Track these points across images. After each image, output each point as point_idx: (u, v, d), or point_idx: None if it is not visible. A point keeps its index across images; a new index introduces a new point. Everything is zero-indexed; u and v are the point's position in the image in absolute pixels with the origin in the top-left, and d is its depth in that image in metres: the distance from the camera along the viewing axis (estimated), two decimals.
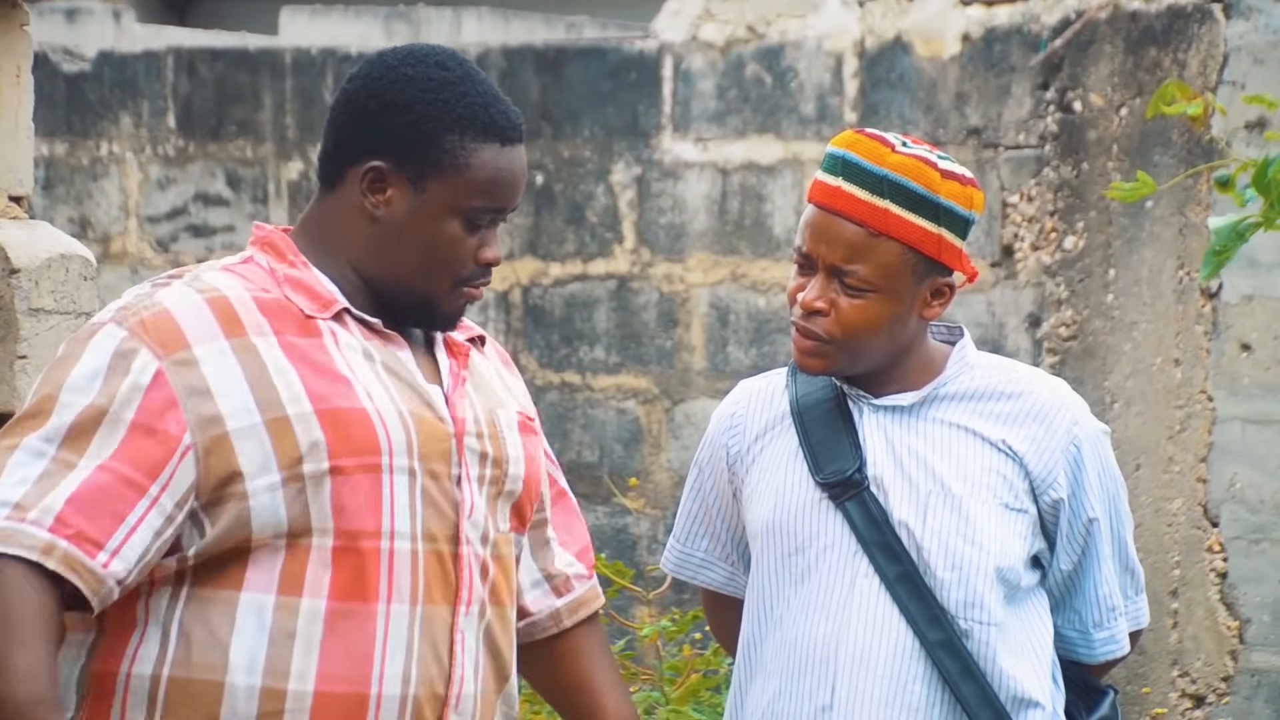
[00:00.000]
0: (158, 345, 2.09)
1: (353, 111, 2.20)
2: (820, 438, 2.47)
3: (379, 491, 2.12)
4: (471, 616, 2.17)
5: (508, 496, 2.23)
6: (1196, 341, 5.28)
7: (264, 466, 2.09)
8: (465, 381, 2.22)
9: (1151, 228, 5.36)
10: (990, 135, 5.68)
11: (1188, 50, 5.33)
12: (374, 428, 2.11)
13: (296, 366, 2.11)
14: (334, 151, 2.21)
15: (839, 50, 5.93)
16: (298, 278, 2.17)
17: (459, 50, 6.89)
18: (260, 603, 2.09)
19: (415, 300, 2.19)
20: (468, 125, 2.17)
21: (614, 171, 6.20)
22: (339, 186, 2.20)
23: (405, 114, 2.17)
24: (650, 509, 6.11)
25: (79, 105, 6.91)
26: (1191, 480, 5.28)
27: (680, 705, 4.43)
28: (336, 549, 2.10)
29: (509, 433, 2.24)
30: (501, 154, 2.18)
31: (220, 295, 2.14)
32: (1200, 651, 5.26)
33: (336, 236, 2.19)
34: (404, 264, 2.17)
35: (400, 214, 2.17)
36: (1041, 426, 2.48)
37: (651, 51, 6.17)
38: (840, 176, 2.44)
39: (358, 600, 2.11)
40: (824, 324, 2.42)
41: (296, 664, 2.09)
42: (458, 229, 2.17)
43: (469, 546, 2.17)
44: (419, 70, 2.19)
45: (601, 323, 6.20)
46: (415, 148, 2.16)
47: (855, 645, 2.42)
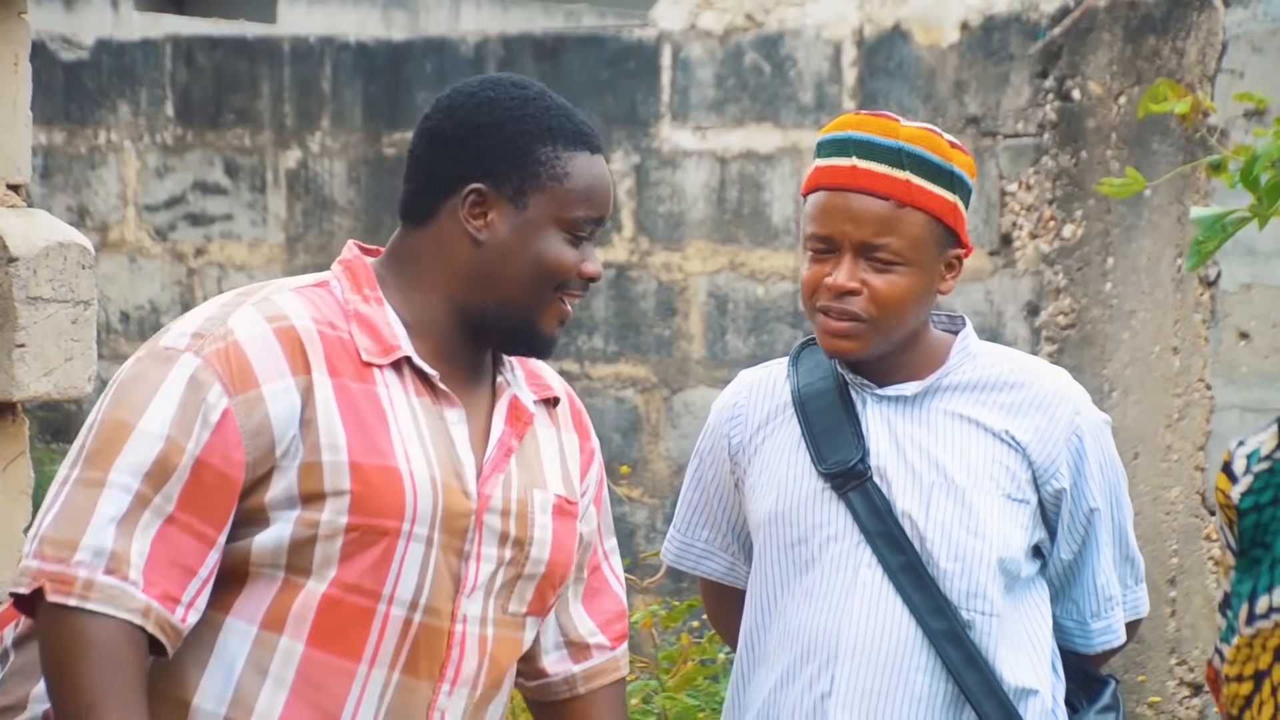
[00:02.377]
0: (228, 381, 2.08)
1: (440, 142, 2.20)
2: (823, 428, 2.46)
3: (391, 555, 2.10)
4: (457, 697, 2.14)
5: (528, 580, 2.20)
6: (1195, 330, 5.28)
7: (286, 504, 2.08)
8: (511, 454, 2.20)
9: (1150, 216, 5.36)
10: (989, 124, 5.68)
11: (1186, 38, 5.32)
12: (403, 492, 2.10)
13: (344, 414, 2.10)
14: (424, 187, 2.20)
15: (838, 38, 5.92)
16: (367, 315, 2.16)
17: (459, 38, 6.86)
18: (242, 632, 2.09)
19: (516, 322, 2.18)
20: (558, 136, 2.18)
21: (612, 160, 6.20)
22: (431, 221, 2.19)
23: (496, 133, 2.18)
24: (648, 498, 6.11)
25: (77, 94, 6.90)
26: (1189, 468, 5.28)
27: (676, 693, 4.43)
28: (327, 597, 2.09)
29: (540, 515, 2.21)
30: (593, 161, 2.20)
31: (289, 325, 2.12)
32: (1198, 640, 5.27)
33: (431, 271, 2.18)
34: (510, 282, 2.17)
35: (504, 234, 2.17)
36: (1044, 416, 2.48)
37: (650, 40, 6.17)
38: (854, 156, 2.44)
39: (339, 655, 2.09)
40: (859, 303, 2.42)
41: (263, 702, 2.08)
42: (561, 241, 2.18)
43: (465, 625, 2.14)
44: (499, 92, 2.20)
45: (600, 311, 6.20)
46: (512, 164, 2.17)
47: (858, 635, 2.42)
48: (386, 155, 6.38)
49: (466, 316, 2.18)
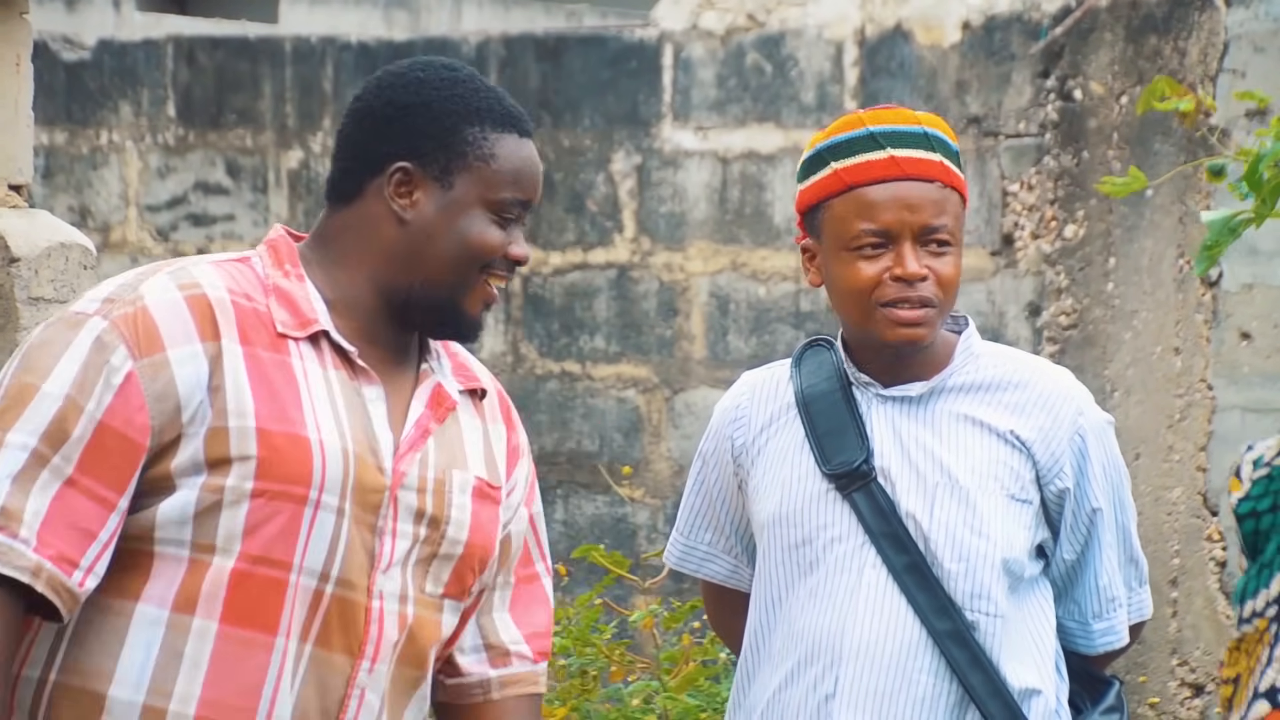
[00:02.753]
0: (134, 344, 2.07)
1: (368, 122, 2.19)
2: (826, 429, 2.46)
3: (298, 523, 2.08)
4: (377, 675, 2.12)
5: (444, 559, 2.17)
6: (1196, 330, 5.28)
7: (191, 471, 2.07)
8: (429, 435, 2.18)
9: (1152, 216, 5.36)
10: (990, 123, 5.68)
11: (1188, 38, 5.32)
12: (310, 458, 2.08)
13: (253, 381, 2.09)
14: (351, 165, 2.19)
15: (839, 38, 5.92)
16: (286, 289, 2.15)
17: (460, 38, 6.86)
18: (154, 617, 2.06)
19: (441, 303, 2.17)
20: (486, 117, 2.18)
21: (614, 160, 6.20)
22: (357, 200, 2.18)
23: (424, 113, 2.17)
24: (650, 498, 6.11)
25: (79, 94, 6.90)
26: (1191, 469, 5.28)
27: (678, 693, 4.43)
28: (237, 572, 2.07)
29: (459, 495, 2.19)
30: (521, 144, 2.19)
31: (200, 293, 2.11)
32: (1199, 640, 5.26)
33: (356, 249, 2.17)
34: (434, 262, 2.16)
35: (429, 213, 2.16)
36: (1048, 415, 2.48)
37: (652, 40, 6.17)
38: (888, 148, 2.45)
39: (255, 629, 2.07)
40: (929, 289, 2.43)
41: (181, 685, 2.06)
42: (487, 222, 2.17)
43: (382, 601, 2.12)
44: (429, 73, 2.20)
45: (601, 312, 6.19)
46: (438, 144, 2.16)
47: (862, 636, 2.42)
48: None
49: (391, 297, 2.17)
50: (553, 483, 6.22)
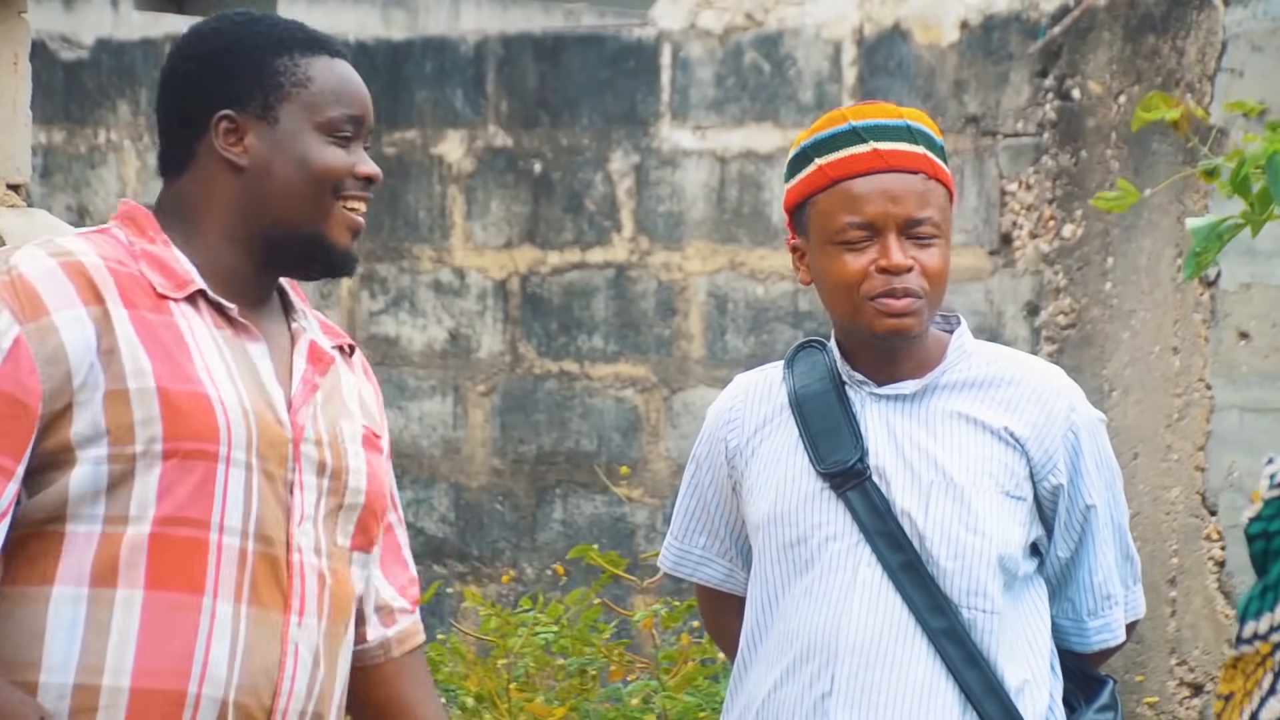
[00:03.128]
0: (17, 310, 2.04)
1: (178, 84, 2.18)
2: (820, 428, 2.46)
3: (211, 481, 2.06)
4: (307, 629, 2.11)
5: (349, 510, 2.17)
6: (1195, 330, 5.28)
7: (93, 439, 2.04)
8: (316, 390, 2.17)
9: (1150, 216, 5.36)
10: (989, 123, 5.68)
11: (1186, 37, 5.32)
12: (214, 415, 2.06)
13: (145, 342, 2.07)
14: (176, 133, 2.17)
15: (837, 38, 5.92)
16: (155, 254, 2.13)
17: (458, 37, 6.85)
18: (74, 596, 2.03)
19: (304, 239, 2.15)
20: (292, 45, 2.17)
21: (612, 160, 6.20)
22: (190, 165, 2.16)
23: (229, 56, 2.15)
24: (648, 498, 6.11)
25: (77, 93, 6.90)
26: (1190, 469, 5.28)
27: (677, 693, 4.43)
28: (155, 536, 2.04)
29: (351, 445, 2.18)
30: (334, 63, 2.18)
31: (76, 260, 2.08)
32: (1198, 640, 5.26)
33: (203, 210, 2.15)
34: (283, 197, 2.14)
35: (264, 152, 2.14)
36: (1041, 411, 2.48)
37: (650, 39, 6.17)
38: (870, 141, 2.45)
39: (180, 590, 2.05)
40: (913, 279, 2.43)
41: (111, 659, 2.03)
42: (324, 144, 2.15)
43: (301, 554, 2.11)
44: (223, 22, 2.19)
45: (600, 311, 6.19)
46: (252, 82, 2.14)
47: (857, 634, 2.42)
48: (387, 154, 6.38)
49: (252, 249, 2.15)
50: (551, 482, 6.22)
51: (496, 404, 6.32)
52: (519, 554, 6.25)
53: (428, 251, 6.37)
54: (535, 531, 6.25)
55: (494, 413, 6.32)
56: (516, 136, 6.32)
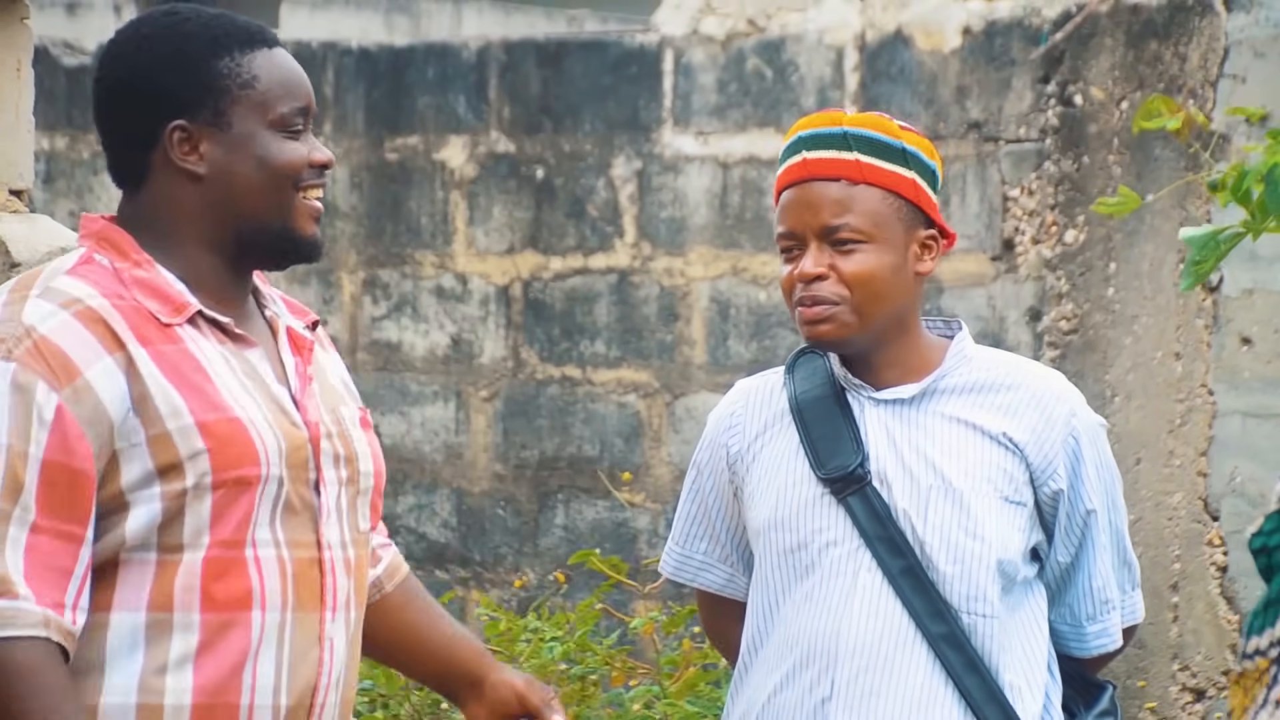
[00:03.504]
0: (51, 377, 2.06)
1: (121, 98, 2.17)
2: (821, 434, 2.47)
3: (254, 503, 2.11)
4: (339, 622, 2.16)
5: (364, 495, 2.22)
6: (1197, 335, 5.28)
7: (144, 483, 2.07)
8: (312, 381, 2.20)
9: (1152, 221, 5.36)
10: (991, 129, 5.68)
11: (1188, 43, 5.32)
12: (252, 440, 2.10)
13: (171, 379, 2.09)
14: (124, 147, 2.17)
15: (839, 44, 5.92)
16: (146, 279, 2.14)
17: (461, 43, 6.85)
18: (133, 622, 2.08)
19: (272, 234, 2.16)
20: (230, 44, 2.16)
21: (614, 165, 6.20)
22: (148, 178, 2.17)
23: (169, 68, 2.15)
24: (650, 503, 6.11)
25: (79, 99, 6.90)
26: (1192, 474, 5.28)
27: (678, 699, 4.43)
28: (208, 560, 2.09)
29: (354, 430, 2.23)
30: (273, 55, 2.18)
31: (86, 307, 2.09)
32: (1200, 645, 5.26)
33: (171, 221, 2.16)
34: (247, 197, 2.15)
35: (220, 158, 2.15)
36: (1041, 417, 2.49)
37: (652, 45, 6.17)
38: (803, 151, 2.48)
39: (231, 610, 2.09)
40: (828, 287, 2.44)
41: (172, 680, 2.08)
42: (280, 140, 2.16)
43: (331, 551, 2.16)
44: (153, 29, 2.17)
45: (602, 317, 6.19)
46: (198, 90, 2.14)
47: (857, 639, 2.42)
48: (389, 161, 6.38)
49: (224, 252, 2.17)
50: (554, 487, 6.22)
51: (499, 409, 6.32)
52: (521, 559, 6.25)
53: (430, 257, 6.38)
54: (537, 537, 6.25)
55: (496, 418, 6.32)
56: (519, 142, 6.33)
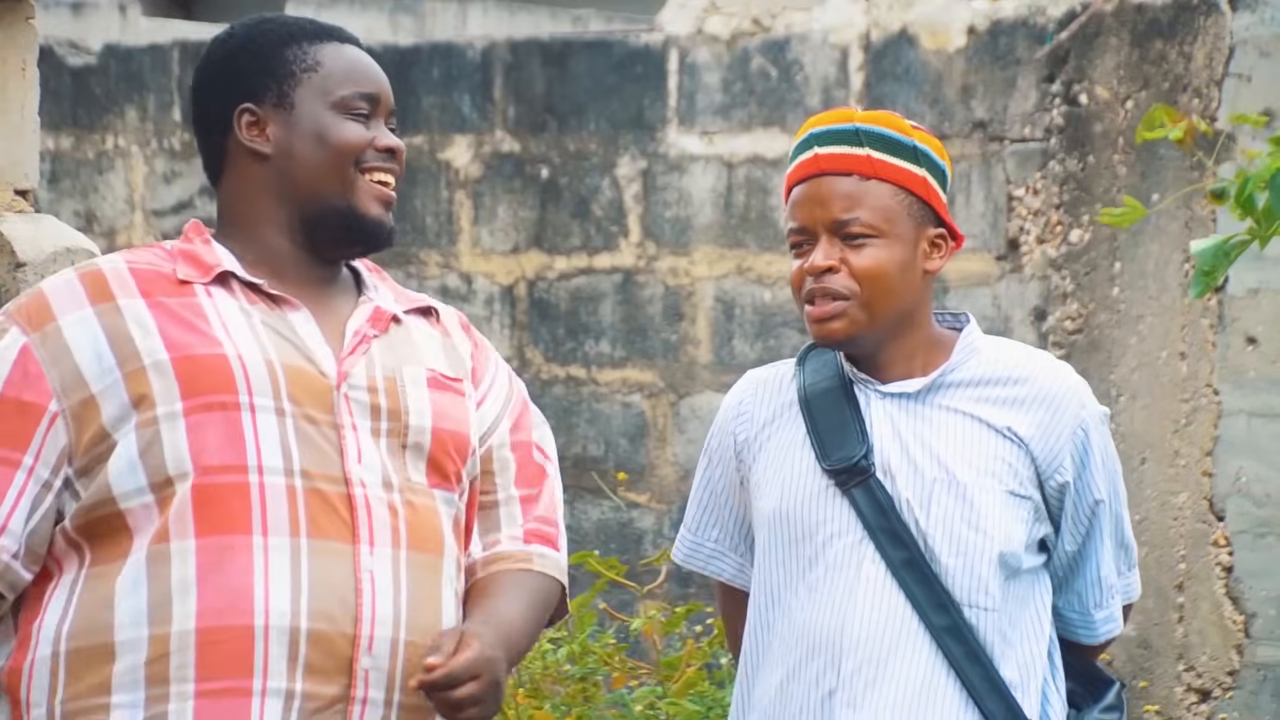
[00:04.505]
0: (25, 322, 2.17)
1: (199, 94, 2.29)
2: (827, 425, 2.48)
3: (239, 428, 2.14)
4: (380, 558, 2.17)
5: (415, 450, 2.23)
6: (1202, 335, 5.28)
7: (123, 417, 2.14)
8: (369, 342, 2.25)
9: (1157, 221, 5.36)
10: (996, 128, 5.68)
11: (1193, 43, 5.32)
12: (229, 368, 2.16)
13: (159, 320, 2.17)
14: (210, 141, 2.29)
15: (844, 43, 5.92)
16: (190, 250, 2.25)
17: (465, 43, 6.84)
18: (137, 559, 2.13)
19: (337, 214, 2.24)
20: (300, 35, 2.27)
21: (619, 165, 6.20)
22: (227, 166, 2.28)
23: (241, 55, 2.27)
24: (655, 503, 6.11)
25: (84, 99, 6.91)
26: (1197, 474, 5.28)
27: (678, 698, 4.43)
28: (197, 487, 2.13)
29: (413, 388, 2.25)
30: (343, 48, 2.28)
31: (95, 269, 2.22)
32: (1206, 646, 5.26)
33: (245, 203, 2.26)
34: (307, 175, 2.24)
35: (285, 137, 2.25)
36: (1049, 412, 2.49)
37: (657, 45, 6.17)
38: (814, 147, 2.49)
39: (229, 533, 2.12)
40: (839, 281, 2.46)
41: (176, 607, 2.11)
42: (341, 121, 2.25)
43: (364, 489, 2.18)
44: (236, 29, 2.30)
45: (607, 316, 6.19)
46: (265, 74, 2.25)
47: (861, 631, 2.43)
48: None
49: (293, 232, 2.25)
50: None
51: None
52: None
53: (435, 257, 6.38)
54: None
55: None
56: (524, 142, 6.33)
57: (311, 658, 2.12)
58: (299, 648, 2.12)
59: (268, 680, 2.11)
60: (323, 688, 2.13)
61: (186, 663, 2.10)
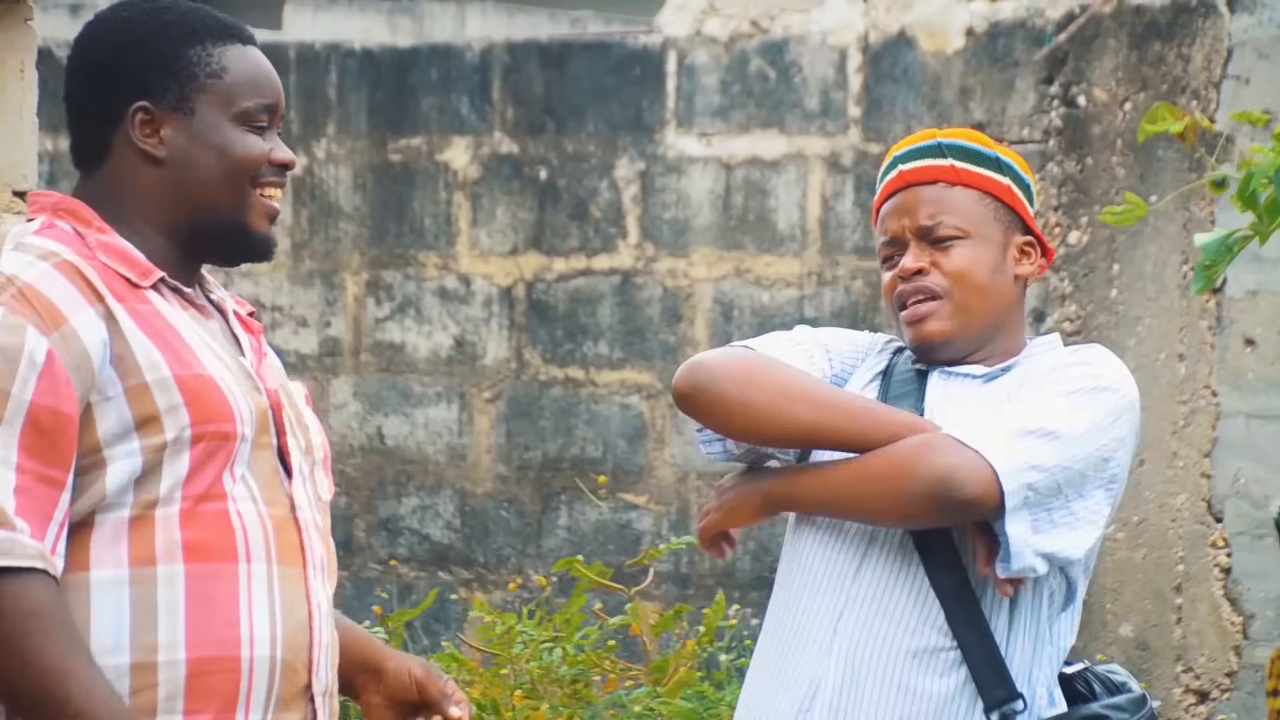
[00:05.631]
0: (39, 321, 2.06)
1: (89, 76, 2.18)
2: (895, 394, 2.54)
3: (229, 459, 2.11)
4: (318, 581, 2.17)
5: (319, 465, 2.24)
6: (1200, 336, 5.28)
7: (121, 436, 2.07)
8: (265, 357, 2.23)
9: (1155, 223, 5.36)
10: (994, 130, 5.68)
11: (1192, 45, 5.32)
12: (225, 397, 2.11)
13: (148, 334, 2.10)
14: (89, 125, 2.19)
15: (843, 45, 5.92)
16: (110, 243, 2.14)
17: (464, 45, 6.84)
18: (114, 578, 2.06)
19: (226, 227, 2.18)
20: (204, 34, 2.18)
21: (618, 166, 6.20)
22: (107, 158, 2.18)
23: (142, 49, 2.17)
24: (653, 504, 6.11)
25: None
26: (1195, 475, 5.28)
27: (670, 697, 4.44)
28: (185, 512, 2.08)
29: (301, 403, 2.25)
30: (247, 52, 2.20)
31: (63, 259, 2.10)
32: (1204, 647, 5.26)
33: (127, 202, 2.17)
34: (203, 187, 2.17)
35: (181, 144, 2.17)
36: None
37: (655, 46, 6.17)
38: (899, 165, 2.58)
39: (217, 560, 2.09)
40: (932, 280, 2.52)
41: (164, 635, 2.06)
42: (241, 133, 2.18)
43: (302, 511, 2.17)
44: (131, 11, 2.20)
45: (605, 318, 6.19)
46: (166, 74, 2.16)
47: (869, 581, 2.44)
48: (392, 162, 6.38)
49: (177, 237, 2.18)
50: (556, 489, 6.22)
51: (502, 410, 6.32)
52: (524, 561, 6.25)
53: (433, 258, 6.38)
54: (540, 538, 6.25)
55: (499, 419, 6.32)
56: (522, 143, 6.33)
57: (283, 687, 2.11)
58: (275, 678, 2.10)
59: (249, 713, 2.09)
60: (287, 716, 2.12)
61: (175, 693, 2.05)
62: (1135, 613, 5.36)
